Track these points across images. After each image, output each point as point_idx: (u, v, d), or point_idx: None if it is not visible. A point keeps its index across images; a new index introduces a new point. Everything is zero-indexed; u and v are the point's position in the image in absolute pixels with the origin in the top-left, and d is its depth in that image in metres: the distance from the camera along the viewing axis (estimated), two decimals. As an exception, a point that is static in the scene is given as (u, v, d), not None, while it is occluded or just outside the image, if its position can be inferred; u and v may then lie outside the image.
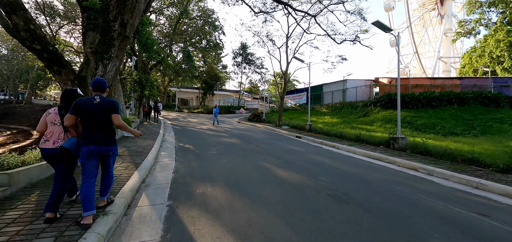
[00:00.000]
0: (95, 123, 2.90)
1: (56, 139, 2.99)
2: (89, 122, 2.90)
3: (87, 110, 2.88)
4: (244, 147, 9.16)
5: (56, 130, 3.02)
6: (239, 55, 40.59)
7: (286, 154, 8.00)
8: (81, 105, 2.88)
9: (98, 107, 2.92)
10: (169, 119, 22.23)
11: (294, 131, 15.17)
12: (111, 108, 2.98)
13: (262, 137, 12.64)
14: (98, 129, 2.93)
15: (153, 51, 14.46)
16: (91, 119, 2.89)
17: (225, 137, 11.83)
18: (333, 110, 22.62)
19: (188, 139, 11.09)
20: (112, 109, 2.99)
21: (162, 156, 7.26)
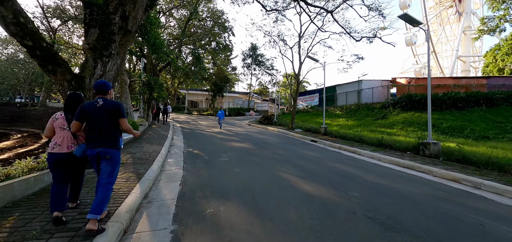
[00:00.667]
0: (97, 127, 2.83)
1: (70, 144, 2.98)
2: (92, 126, 2.85)
3: (91, 114, 2.83)
4: (258, 153, 8.44)
5: (66, 135, 3.00)
6: (249, 56, 40.02)
7: (305, 162, 7.22)
8: (84, 110, 2.85)
9: (101, 110, 2.85)
10: (178, 122, 21.82)
11: (308, 135, 14.33)
12: (116, 112, 2.91)
13: (276, 141, 11.89)
14: (100, 133, 2.84)
15: (162, 52, 14.02)
16: (94, 123, 2.84)
17: (237, 141, 11.16)
18: (348, 112, 21.59)
19: (197, 143, 10.48)
20: (118, 114, 2.92)
21: (169, 163, 6.64)
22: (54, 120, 3.05)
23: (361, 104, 21.57)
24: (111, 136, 2.91)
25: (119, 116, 2.93)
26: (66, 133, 3.01)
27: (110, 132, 2.90)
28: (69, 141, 2.98)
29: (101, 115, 2.85)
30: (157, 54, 14.09)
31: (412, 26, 8.74)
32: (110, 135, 2.90)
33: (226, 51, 35.78)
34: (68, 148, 2.95)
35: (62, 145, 2.95)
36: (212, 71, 40.06)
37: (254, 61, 40.07)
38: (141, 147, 8.26)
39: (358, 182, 5.28)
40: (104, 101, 2.91)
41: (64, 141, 2.97)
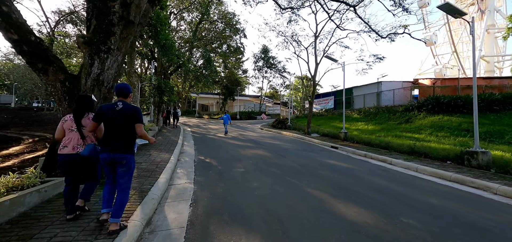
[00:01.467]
0: (114, 130, 2.82)
1: (76, 145, 3.03)
2: (109, 129, 2.85)
3: (108, 116, 2.83)
4: (277, 162, 7.56)
5: (74, 136, 3.07)
6: (261, 58, 39.29)
7: (333, 174, 6.28)
8: (103, 112, 2.86)
9: (119, 114, 2.83)
10: (189, 126, 21.26)
11: (326, 140, 13.32)
12: (134, 117, 2.87)
13: (293, 147, 10.96)
14: (117, 137, 2.83)
15: (173, 54, 13.45)
16: (111, 126, 2.84)
17: (251, 148, 10.32)
18: (367, 115, 20.34)
19: (209, 150, 9.71)
20: (135, 118, 2.88)
21: (178, 175, 5.87)
22: (64, 122, 3.12)
23: (381, 107, 20.28)
24: (127, 141, 2.89)
25: (136, 121, 2.88)
26: (74, 135, 3.07)
27: (126, 136, 2.87)
28: (75, 142, 3.04)
29: (120, 118, 2.82)
30: (167, 57, 13.54)
31: (454, 17, 7.67)
32: (127, 140, 2.88)
33: (237, 54, 35.26)
34: (74, 149, 3.01)
35: (68, 146, 3.02)
36: (223, 74, 39.60)
37: (266, 64, 39.28)
38: (148, 155, 7.56)
39: (406, 202, 4.31)
40: (124, 105, 2.88)
41: (71, 143, 3.04)
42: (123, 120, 2.84)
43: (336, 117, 23.46)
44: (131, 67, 10.83)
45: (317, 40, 17.35)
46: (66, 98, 3.96)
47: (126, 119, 2.84)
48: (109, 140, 2.83)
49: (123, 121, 2.84)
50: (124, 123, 2.84)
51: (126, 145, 2.88)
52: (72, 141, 3.05)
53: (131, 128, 2.89)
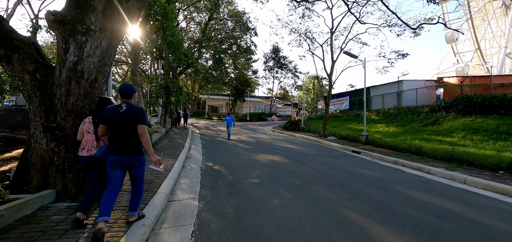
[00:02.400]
0: (120, 132, 2.80)
1: (90, 148, 3.07)
2: (115, 131, 2.83)
3: (113, 118, 2.81)
4: (295, 170, 6.53)
5: (90, 138, 3.11)
6: (271, 58, 38.28)
7: (365, 186, 5.20)
8: (107, 114, 2.85)
9: (123, 116, 2.80)
10: (198, 128, 20.51)
11: (346, 144, 12.16)
12: (136, 118, 2.82)
13: (311, 152, 9.89)
14: (123, 139, 2.80)
15: (180, 52, 12.68)
16: (116, 128, 2.81)
17: (264, 153, 9.32)
18: (387, 116, 18.93)
19: (218, 155, 8.79)
20: (137, 119, 2.82)
21: (181, 187, 4.95)
22: (83, 124, 3.17)
23: (402, 107, 18.82)
24: (135, 143, 2.86)
25: (138, 122, 2.83)
26: (90, 137, 3.10)
27: (133, 138, 2.84)
28: (90, 145, 3.07)
29: (123, 121, 2.79)
30: (174, 54, 12.78)
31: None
32: (134, 142, 2.85)
33: (247, 54, 34.41)
34: (88, 151, 3.04)
35: (85, 148, 3.06)
36: (233, 75, 38.85)
37: (277, 64, 38.23)
38: (150, 161, 6.69)
39: (478, 231, 3.20)
40: (128, 106, 2.85)
41: (87, 145, 3.07)
42: (127, 122, 2.79)
43: (352, 119, 22.12)
44: (136, 64, 10.09)
45: (333, 37, 16.20)
46: (37, 95, 3.12)
47: (130, 121, 2.80)
48: (116, 143, 2.80)
49: (127, 123, 2.79)
50: (129, 125, 2.80)
51: (134, 147, 2.85)
52: (87, 143, 3.09)
53: (135, 129, 2.83)
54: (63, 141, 3.32)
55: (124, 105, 2.84)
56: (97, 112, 3.15)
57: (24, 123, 30.77)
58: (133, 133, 2.83)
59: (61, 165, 3.43)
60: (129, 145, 2.81)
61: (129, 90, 2.94)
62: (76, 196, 3.52)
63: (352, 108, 25.19)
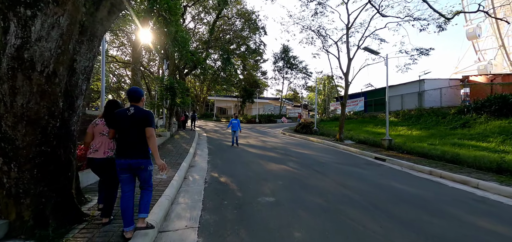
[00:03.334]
0: (127, 136, 2.80)
1: (107, 149, 3.06)
2: (122, 135, 2.85)
3: (121, 122, 2.83)
4: (316, 183, 5.49)
5: (105, 140, 3.08)
6: (281, 59, 37.19)
7: (406, 207, 4.10)
8: (116, 117, 2.88)
9: (131, 119, 2.80)
10: (205, 131, 19.69)
11: (365, 149, 10.98)
12: (144, 121, 2.81)
13: (329, 159, 8.80)
14: (130, 142, 2.80)
15: (186, 50, 11.85)
16: (123, 131, 2.83)
17: (277, 160, 8.31)
18: (407, 118, 17.52)
19: (225, 163, 7.84)
20: (145, 122, 2.82)
21: (179, 209, 4.00)
22: (94, 125, 3.16)
23: (425, 108, 17.37)
24: (142, 146, 2.83)
25: (146, 124, 2.81)
26: (105, 139, 3.08)
27: (140, 142, 2.82)
28: (106, 147, 3.05)
29: (131, 124, 2.79)
30: (179, 52, 11.96)
31: None
32: (141, 145, 2.83)
33: (255, 55, 33.46)
34: (105, 154, 3.03)
35: (99, 150, 3.03)
36: (242, 76, 37.95)
37: (286, 64, 37.11)
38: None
39: None
40: (136, 109, 2.84)
41: (102, 147, 3.05)
42: (135, 125, 2.79)
43: (369, 121, 20.76)
44: (137, 63, 9.29)
45: (349, 33, 15.05)
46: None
47: (138, 124, 2.80)
48: (124, 146, 2.81)
49: (135, 126, 2.80)
50: (136, 129, 2.80)
51: (141, 151, 2.83)
52: (103, 145, 3.06)
53: (143, 133, 2.82)
54: (14, 157, 2.45)
55: (132, 108, 2.84)
56: (106, 115, 3.13)
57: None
58: (141, 137, 2.82)
59: (13, 188, 2.55)
60: (136, 149, 2.80)
61: (137, 93, 2.94)
62: (33, 229, 2.62)
63: (367, 109, 23.78)
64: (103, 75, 6.24)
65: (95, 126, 3.15)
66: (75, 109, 3.60)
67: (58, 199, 2.91)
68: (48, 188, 2.80)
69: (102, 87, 6.29)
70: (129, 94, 2.95)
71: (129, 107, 2.87)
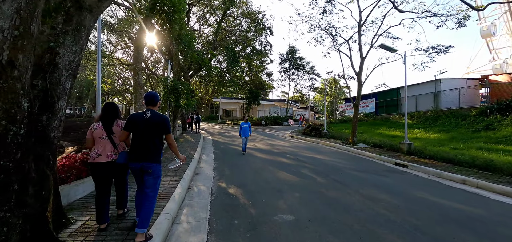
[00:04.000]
0: (142, 139, 2.83)
1: (110, 153, 2.99)
2: (137, 138, 2.86)
3: (138, 125, 2.84)
4: (338, 196, 4.77)
5: (106, 143, 3.01)
6: (287, 60, 36.47)
7: (459, 231, 3.35)
8: (132, 120, 2.88)
9: (148, 123, 2.83)
10: (210, 134, 19.09)
11: (382, 153, 10.19)
12: (163, 126, 2.89)
13: (346, 165, 8.05)
14: (144, 145, 2.82)
15: (191, 49, 11.27)
16: (139, 135, 2.84)
17: (290, 167, 7.60)
18: (423, 120, 16.61)
19: (234, 170, 7.16)
20: (164, 128, 2.90)
21: (180, 231, 3.33)
22: (93, 130, 3.05)
23: (442, 110, 16.44)
24: (154, 150, 2.86)
25: (165, 131, 2.92)
26: (106, 143, 3.01)
27: (154, 146, 2.85)
28: (109, 150, 2.99)
29: (148, 128, 2.82)
30: (184, 52, 11.39)
31: None
32: (154, 149, 2.85)
33: (260, 57, 32.84)
34: (109, 157, 2.96)
35: (103, 154, 2.96)
36: (247, 78, 37.32)
37: (293, 65, 36.36)
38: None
39: None
40: (152, 113, 2.88)
41: (105, 151, 2.98)
42: (151, 129, 2.82)
43: (380, 123, 19.89)
44: (138, 63, 8.73)
45: (361, 30, 14.28)
46: None
47: (154, 128, 2.83)
48: (137, 149, 2.83)
49: (151, 130, 2.83)
50: (152, 132, 2.83)
51: (154, 155, 2.84)
52: (105, 149, 2.99)
53: (158, 137, 2.89)
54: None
55: (149, 112, 2.87)
56: (105, 118, 3.07)
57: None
58: (155, 140, 2.86)
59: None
60: (148, 152, 2.82)
61: (156, 98, 3.00)
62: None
63: (378, 111, 22.87)
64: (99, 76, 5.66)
65: (94, 131, 3.04)
66: (55, 112, 2.99)
67: (25, 227, 2.28)
68: (11, 214, 2.16)
69: (97, 89, 5.71)
70: (147, 97, 2.97)
71: (146, 111, 2.90)
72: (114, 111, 3.15)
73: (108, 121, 3.07)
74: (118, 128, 3.09)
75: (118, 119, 3.17)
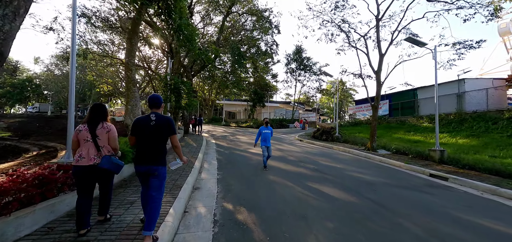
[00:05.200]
0: (148, 143, 2.85)
1: (93, 156, 2.91)
2: (143, 141, 2.87)
3: (144, 129, 2.86)
4: (389, 228, 3.50)
5: (90, 146, 2.93)
6: (294, 60, 35.19)
7: None
8: (138, 124, 2.90)
9: (154, 126, 2.86)
10: (214, 137, 17.90)
11: (410, 162, 8.88)
12: (168, 128, 2.91)
13: (376, 178, 6.75)
14: (150, 148, 2.85)
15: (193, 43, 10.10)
16: (145, 138, 2.85)
17: (312, 181, 6.32)
18: (446, 124, 15.18)
19: (242, 184, 5.92)
20: (169, 130, 2.93)
21: None
22: (78, 132, 2.97)
23: (466, 112, 15.00)
24: (161, 153, 2.90)
25: (170, 132, 2.94)
26: (90, 145, 2.93)
27: (160, 149, 2.89)
28: (92, 154, 2.91)
29: (154, 132, 2.85)
30: (185, 46, 10.23)
31: None
32: (160, 152, 2.89)
33: (266, 57, 31.65)
34: (91, 160, 2.88)
35: (86, 157, 2.88)
36: (252, 79, 36.11)
37: (300, 65, 35.06)
38: (129, 205, 3.97)
39: None
40: (157, 116, 2.90)
41: (89, 154, 2.90)
42: (157, 132, 2.85)
43: (396, 126, 18.49)
44: (130, 57, 7.58)
45: (379, 25, 13.02)
46: None
47: (160, 131, 2.86)
48: (143, 152, 2.83)
49: (157, 133, 2.86)
50: (158, 136, 2.86)
51: (159, 158, 2.87)
52: (89, 152, 2.89)
53: (163, 139, 2.93)
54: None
55: (153, 115, 2.90)
56: (90, 119, 2.99)
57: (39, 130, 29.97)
58: (161, 143, 2.91)
59: None
60: (154, 155, 2.83)
61: (159, 100, 3.03)
62: None
63: (392, 114, 21.46)
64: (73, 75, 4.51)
65: (79, 133, 2.95)
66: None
67: None
68: None
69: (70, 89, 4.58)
70: (151, 100, 3.01)
71: (150, 114, 2.93)
72: (100, 112, 3.04)
73: (93, 123, 2.95)
74: (104, 130, 2.98)
75: (104, 121, 3.05)
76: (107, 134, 3.00)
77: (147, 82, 33.64)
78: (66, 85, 45.61)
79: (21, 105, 59.69)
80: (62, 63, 49.50)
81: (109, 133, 3.01)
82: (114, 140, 3.04)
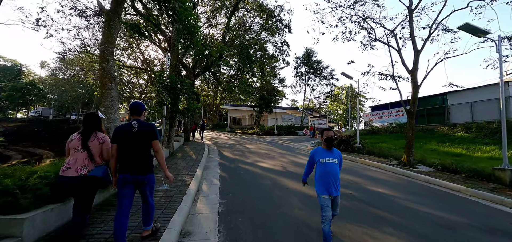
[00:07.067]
0: (131, 150, 2.77)
1: (80, 167, 2.72)
2: (126, 149, 2.78)
3: (125, 136, 2.80)
4: None
5: (79, 156, 2.78)
6: (303, 63, 33.32)
7: None
8: (119, 132, 2.84)
9: (136, 133, 2.79)
10: (217, 145, 16.00)
11: (467, 184, 6.82)
12: (149, 134, 2.85)
13: (444, 214, 4.72)
14: (134, 156, 2.77)
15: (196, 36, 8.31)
16: (128, 145, 2.78)
17: (352, 215, 4.34)
18: (488, 134, 12.97)
19: (254, 225, 3.96)
20: (151, 135, 2.86)
21: None
22: (70, 141, 2.87)
23: (512, 120, 12.78)
24: (146, 160, 2.83)
25: (153, 137, 2.87)
26: (79, 155, 2.78)
27: (145, 156, 2.83)
28: (80, 164, 2.74)
29: (137, 139, 2.78)
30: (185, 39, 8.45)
31: None
32: (146, 160, 2.83)
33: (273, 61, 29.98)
34: (77, 171, 2.69)
35: (72, 168, 2.70)
36: (258, 84, 34.32)
37: (310, 69, 33.16)
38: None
39: None
40: (139, 123, 2.84)
41: (76, 164, 2.73)
42: (140, 140, 2.79)
43: (423, 135, 16.27)
44: (107, 43, 5.79)
45: (412, 16, 11.09)
46: None
47: (143, 138, 2.80)
48: (127, 160, 2.76)
49: (140, 140, 2.79)
50: (142, 143, 2.80)
51: (145, 165, 2.82)
52: (77, 162, 2.73)
53: (147, 146, 2.86)
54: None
55: (135, 122, 2.83)
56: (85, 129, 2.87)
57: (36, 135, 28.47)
58: (145, 150, 2.82)
59: None
60: (140, 163, 2.77)
61: (140, 106, 2.97)
62: None
63: (417, 121, 19.26)
64: None
65: (71, 141, 2.83)
66: None
67: None
68: None
69: None
70: (132, 107, 2.95)
71: (131, 121, 2.86)
72: (92, 122, 2.89)
73: (86, 133, 2.83)
74: (97, 142, 2.86)
75: (97, 132, 2.91)
76: (101, 146, 2.87)
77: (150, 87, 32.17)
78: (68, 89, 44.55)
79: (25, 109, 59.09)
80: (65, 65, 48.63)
81: (102, 144, 2.88)
82: (108, 151, 2.88)
